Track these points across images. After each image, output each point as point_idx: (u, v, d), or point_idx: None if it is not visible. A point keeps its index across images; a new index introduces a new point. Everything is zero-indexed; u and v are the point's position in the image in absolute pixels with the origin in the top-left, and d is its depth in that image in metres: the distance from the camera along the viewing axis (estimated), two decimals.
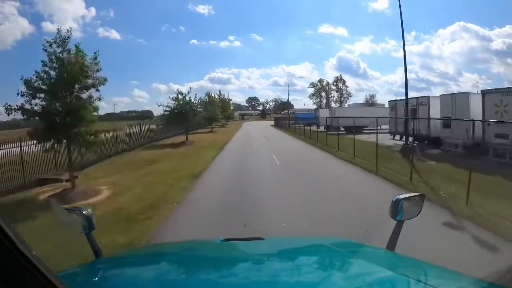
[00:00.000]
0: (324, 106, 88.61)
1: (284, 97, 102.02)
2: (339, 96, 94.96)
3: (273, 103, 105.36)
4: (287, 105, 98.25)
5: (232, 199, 7.86)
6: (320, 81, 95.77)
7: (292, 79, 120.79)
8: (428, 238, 4.80)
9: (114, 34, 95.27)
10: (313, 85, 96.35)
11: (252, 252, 1.50)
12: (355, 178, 10.22)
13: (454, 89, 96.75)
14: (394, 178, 9.42)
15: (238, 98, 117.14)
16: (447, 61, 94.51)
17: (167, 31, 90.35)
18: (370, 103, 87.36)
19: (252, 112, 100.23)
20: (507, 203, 6.09)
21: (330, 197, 7.74)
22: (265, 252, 1.50)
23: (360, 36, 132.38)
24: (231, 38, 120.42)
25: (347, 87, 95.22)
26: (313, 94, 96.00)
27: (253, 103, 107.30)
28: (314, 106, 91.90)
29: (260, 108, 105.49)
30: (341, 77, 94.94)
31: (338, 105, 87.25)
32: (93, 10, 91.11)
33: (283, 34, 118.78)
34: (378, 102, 78.10)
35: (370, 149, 12.50)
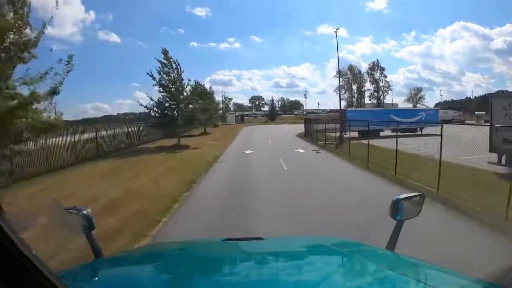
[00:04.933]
0: (355, 102, 69.72)
1: (291, 98, 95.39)
2: (375, 88, 70.75)
3: (280, 103, 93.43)
4: (295, 104, 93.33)
5: None
6: (351, 69, 71.50)
7: (294, 80, 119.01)
8: None
9: (114, 37, 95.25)
10: (340, 74, 74.23)
11: (252, 252, 1.50)
12: None
13: (456, 89, 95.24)
14: None
15: (240, 100, 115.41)
16: (449, 60, 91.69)
17: (166, 34, 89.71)
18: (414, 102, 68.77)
19: (257, 113, 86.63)
20: None
21: None
22: (265, 252, 1.50)
23: (360, 36, 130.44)
24: (230, 40, 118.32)
25: (386, 77, 71.29)
26: (342, 87, 68.24)
27: (257, 102, 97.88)
28: (331, 105, 74.54)
29: (265, 108, 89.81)
30: (378, 63, 70.94)
31: (374, 101, 67.61)
32: (92, 14, 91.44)
33: (282, 35, 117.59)
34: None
35: None
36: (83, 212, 1.45)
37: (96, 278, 1.19)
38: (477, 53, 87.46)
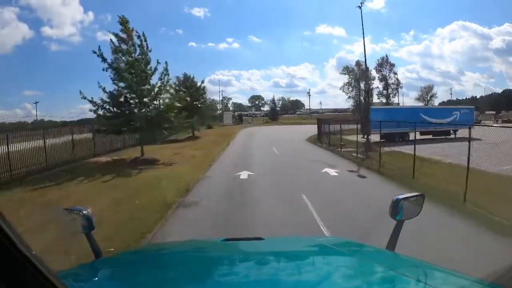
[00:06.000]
0: (363, 100, 61.20)
1: (291, 98, 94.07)
2: (384, 86, 63.48)
3: (280, 102, 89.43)
4: (296, 103, 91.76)
5: None
6: (358, 65, 63.14)
7: (293, 80, 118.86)
8: None
9: (113, 38, 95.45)
10: (347, 70, 63.94)
11: (252, 252, 1.50)
12: None
13: (456, 88, 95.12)
14: None
15: (240, 100, 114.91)
16: (448, 60, 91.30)
17: (164, 34, 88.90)
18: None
19: (256, 112, 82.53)
20: None
21: None
22: (265, 252, 1.50)
23: (359, 36, 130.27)
24: (229, 40, 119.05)
25: (396, 74, 64.40)
26: (349, 84, 63.71)
27: (257, 102, 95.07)
28: (331, 104, 73.27)
29: (265, 108, 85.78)
30: (388, 59, 64.12)
31: (383, 100, 61.97)
32: (91, 15, 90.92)
33: (280, 35, 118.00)
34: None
35: None
36: (83, 212, 1.45)
37: (96, 278, 1.19)
38: (476, 52, 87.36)
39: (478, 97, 74.18)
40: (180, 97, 17.44)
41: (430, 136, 18.82)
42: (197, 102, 29.42)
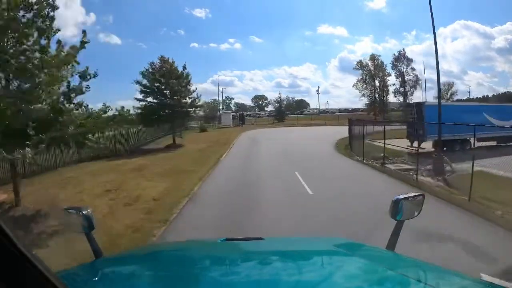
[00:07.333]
0: (374, 99, 58.45)
1: (295, 97, 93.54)
2: (401, 83, 57.57)
3: (285, 102, 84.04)
4: (301, 103, 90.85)
5: None
6: (373, 59, 58.70)
7: (295, 81, 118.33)
8: None
9: (115, 39, 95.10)
10: (360, 65, 58.81)
11: (252, 252, 1.50)
12: None
13: (459, 88, 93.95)
14: None
15: (243, 100, 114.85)
16: (450, 59, 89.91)
17: (166, 35, 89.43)
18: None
19: (260, 112, 79.00)
20: None
21: None
22: (266, 252, 1.49)
23: (360, 36, 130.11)
24: (231, 40, 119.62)
25: (414, 69, 57.41)
26: (364, 81, 58.89)
27: (260, 102, 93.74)
28: (334, 105, 71.36)
29: (269, 108, 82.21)
30: (405, 53, 58.24)
31: (400, 98, 56.75)
32: (92, 16, 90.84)
33: (282, 36, 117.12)
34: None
35: None
36: (83, 212, 1.45)
37: (96, 278, 1.20)
38: (478, 52, 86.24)
39: (490, 95, 72.88)
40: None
41: (493, 143, 14.81)
42: (178, 97, 21.70)
